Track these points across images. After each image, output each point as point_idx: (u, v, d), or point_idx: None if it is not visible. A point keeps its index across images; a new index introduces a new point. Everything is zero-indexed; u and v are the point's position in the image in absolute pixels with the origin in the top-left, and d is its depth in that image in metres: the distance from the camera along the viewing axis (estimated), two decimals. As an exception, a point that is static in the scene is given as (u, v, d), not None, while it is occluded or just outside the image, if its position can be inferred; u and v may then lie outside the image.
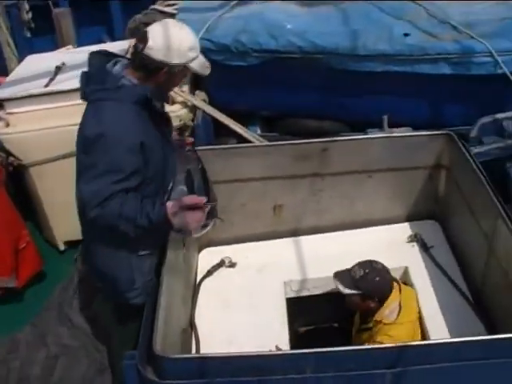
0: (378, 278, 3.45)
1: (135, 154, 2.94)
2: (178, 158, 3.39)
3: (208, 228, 3.27)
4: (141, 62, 2.98)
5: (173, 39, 2.96)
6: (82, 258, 3.53)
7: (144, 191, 3.06)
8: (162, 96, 3.18)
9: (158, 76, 3.01)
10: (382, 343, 3.39)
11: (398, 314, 3.50)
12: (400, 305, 3.53)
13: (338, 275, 3.53)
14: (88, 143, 2.95)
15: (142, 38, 2.95)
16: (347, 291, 3.45)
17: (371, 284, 3.44)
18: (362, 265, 3.49)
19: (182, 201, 3.01)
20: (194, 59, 3.04)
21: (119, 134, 2.90)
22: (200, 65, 3.10)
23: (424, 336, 3.60)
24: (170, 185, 3.28)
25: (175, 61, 2.97)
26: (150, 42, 2.92)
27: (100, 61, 3.10)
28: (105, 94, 2.98)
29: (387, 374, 2.67)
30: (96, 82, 3.03)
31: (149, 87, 3.00)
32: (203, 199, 3.05)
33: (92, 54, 3.14)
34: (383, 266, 3.54)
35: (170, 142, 3.31)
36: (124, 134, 2.91)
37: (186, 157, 3.46)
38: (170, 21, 3.12)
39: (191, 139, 3.64)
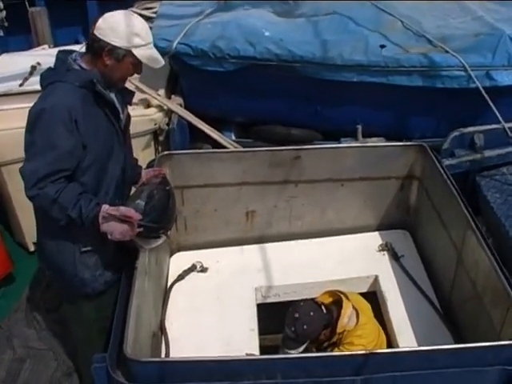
0: (305, 326, 3.42)
1: (72, 133, 2.94)
2: (150, 180, 3.45)
3: (156, 243, 3.33)
4: (90, 43, 3.03)
5: (120, 22, 3.00)
6: (37, 250, 3.50)
7: (79, 181, 3.06)
8: (110, 84, 3.15)
9: (103, 58, 3.02)
10: (352, 344, 3.46)
11: (358, 317, 3.56)
12: (355, 308, 3.58)
13: (284, 345, 3.49)
14: (31, 121, 2.97)
15: (95, 21, 3.01)
16: (301, 350, 3.44)
17: (306, 332, 3.43)
18: (288, 323, 3.47)
19: (119, 209, 3.04)
20: (139, 46, 3.03)
21: (58, 110, 2.91)
22: (148, 56, 3.10)
23: (392, 344, 3.64)
24: (131, 193, 3.34)
25: (116, 42, 2.98)
26: (99, 22, 2.99)
27: (65, 55, 3.13)
28: (54, 77, 3.02)
29: (357, 380, 2.70)
30: (50, 71, 3.11)
31: (94, 73, 3.03)
32: (138, 216, 3.05)
33: (59, 51, 3.19)
34: (304, 306, 3.52)
35: (119, 136, 3.27)
36: (62, 110, 2.91)
37: (157, 180, 3.47)
38: (126, 11, 3.19)
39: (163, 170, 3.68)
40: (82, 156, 3.02)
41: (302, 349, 3.44)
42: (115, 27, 2.98)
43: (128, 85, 4.70)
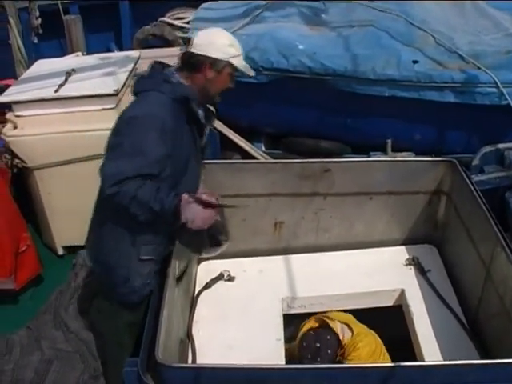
0: (329, 351, 3.48)
1: (164, 142, 3.00)
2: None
3: (220, 250, 3.43)
4: (186, 60, 3.17)
5: (214, 36, 3.21)
6: (88, 245, 3.50)
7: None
8: (207, 98, 3.28)
9: (203, 72, 3.15)
10: (357, 349, 3.49)
11: (350, 328, 3.58)
12: (341, 322, 3.61)
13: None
14: (121, 124, 3.06)
15: (188, 41, 3.19)
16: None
17: (331, 357, 3.48)
18: (313, 355, 3.50)
19: (199, 196, 3.12)
20: (235, 56, 3.19)
21: (152, 118, 3.00)
22: (243, 64, 3.27)
23: (418, 357, 3.63)
24: None
25: (217, 54, 3.13)
26: (195, 40, 3.15)
27: (161, 66, 3.26)
28: (150, 85, 3.13)
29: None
30: (147, 78, 3.22)
31: (192, 89, 3.15)
32: (216, 201, 3.15)
33: (155, 61, 3.32)
34: (319, 334, 3.56)
35: (198, 154, 3.39)
36: (157, 119, 3.00)
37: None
38: (215, 28, 3.37)
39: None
40: (165, 167, 3.08)
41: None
42: (212, 41, 3.16)
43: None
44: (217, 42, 3.17)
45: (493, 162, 4.74)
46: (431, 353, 3.56)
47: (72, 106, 4.91)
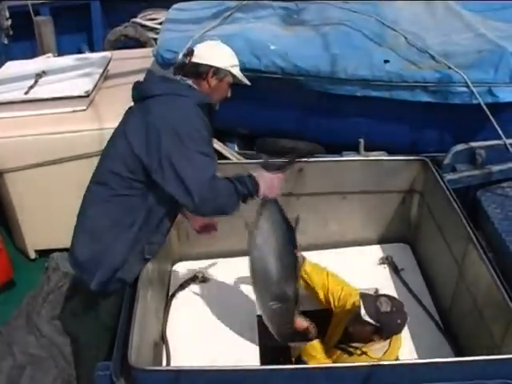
0: (399, 321, 3.28)
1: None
2: None
3: None
4: (189, 69, 3.26)
5: (215, 47, 3.38)
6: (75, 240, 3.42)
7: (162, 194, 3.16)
8: (211, 105, 3.34)
9: (207, 80, 3.26)
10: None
11: (385, 353, 3.38)
12: (390, 344, 3.39)
13: (365, 298, 3.30)
14: (171, 132, 3.02)
15: (188, 53, 3.30)
16: (367, 318, 3.21)
17: (392, 324, 3.28)
18: (391, 301, 3.32)
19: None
20: (234, 66, 3.36)
21: (194, 120, 3.09)
22: (240, 74, 3.43)
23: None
24: None
25: (220, 63, 3.27)
26: (196, 51, 3.28)
27: (157, 75, 3.43)
28: (172, 89, 3.19)
29: (359, 391, 2.72)
30: (159, 82, 3.29)
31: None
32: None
33: (148, 70, 3.52)
34: (403, 307, 3.39)
35: None
36: (198, 119, 3.11)
37: None
38: (214, 41, 3.50)
39: None
40: None
41: (367, 319, 3.21)
42: (214, 51, 3.33)
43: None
44: (219, 53, 3.33)
45: (464, 161, 4.79)
46: (405, 352, 3.57)
47: (42, 108, 4.87)
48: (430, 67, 4.71)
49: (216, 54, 3.32)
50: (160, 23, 7.37)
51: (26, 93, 4.95)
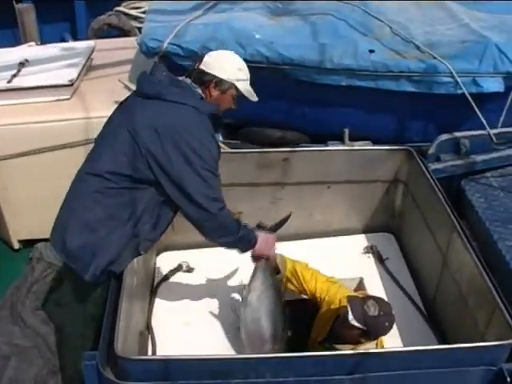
0: (387, 324, 3.24)
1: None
2: None
3: None
4: (196, 76, 3.24)
5: (225, 58, 3.34)
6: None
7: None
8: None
9: (209, 90, 3.24)
10: None
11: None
12: (377, 344, 3.38)
13: (352, 302, 3.25)
14: (181, 148, 3.05)
15: (199, 59, 3.31)
16: (354, 322, 3.16)
17: (380, 327, 3.24)
18: (379, 304, 3.26)
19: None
20: (241, 80, 3.32)
21: (208, 139, 3.14)
22: (247, 90, 3.38)
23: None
24: None
25: (224, 75, 3.24)
26: (206, 58, 3.28)
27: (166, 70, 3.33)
28: (185, 98, 3.16)
29: (346, 380, 2.74)
30: (171, 86, 3.21)
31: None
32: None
33: (155, 63, 3.49)
34: (391, 309, 3.35)
35: None
36: (212, 147, 3.16)
37: None
38: (228, 51, 3.46)
39: None
40: None
41: (354, 323, 3.16)
42: (222, 62, 3.28)
43: (119, 84, 4.76)
44: (227, 64, 3.29)
45: (449, 151, 4.81)
46: (390, 340, 3.59)
47: (26, 97, 4.82)
48: (414, 57, 4.72)
49: (223, 64, 3.28)
50: (144, 12, 7.32)
51: (9, 81, 4.89)
